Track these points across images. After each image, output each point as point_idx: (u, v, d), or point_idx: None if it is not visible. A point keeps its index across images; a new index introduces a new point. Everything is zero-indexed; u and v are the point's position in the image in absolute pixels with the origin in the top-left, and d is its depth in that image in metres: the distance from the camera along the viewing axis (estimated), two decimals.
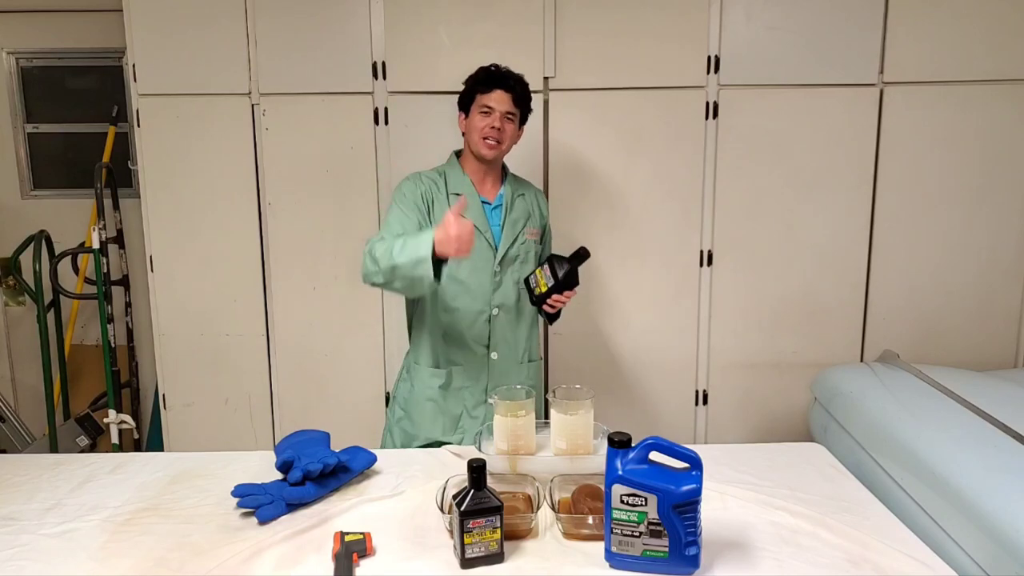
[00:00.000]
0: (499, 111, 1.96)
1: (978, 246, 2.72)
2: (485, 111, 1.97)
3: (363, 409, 2.82)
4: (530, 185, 2.19)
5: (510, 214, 2.05)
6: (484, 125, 1.96)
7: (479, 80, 2.00)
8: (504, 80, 1.98)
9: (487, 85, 1.98)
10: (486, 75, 2.00)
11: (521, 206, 2.08)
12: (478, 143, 1.98)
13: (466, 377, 2.07)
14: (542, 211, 2.17)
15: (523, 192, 2.11)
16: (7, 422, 3.02)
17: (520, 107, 2.02)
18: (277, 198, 2.72)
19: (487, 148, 1.97)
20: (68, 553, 1.38)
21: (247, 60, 2.64)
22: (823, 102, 2.64)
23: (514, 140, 2.05)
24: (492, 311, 2.04)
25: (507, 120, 1.98)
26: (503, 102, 1.97)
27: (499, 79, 1.98)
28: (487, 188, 2.07)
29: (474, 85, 2.01)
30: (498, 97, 1.97)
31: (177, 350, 2.81)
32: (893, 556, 1.35)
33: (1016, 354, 2.78)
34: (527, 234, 2.06)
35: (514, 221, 2.05)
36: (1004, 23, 2.59)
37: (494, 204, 2.06)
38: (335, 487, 1.59)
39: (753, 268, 2.74)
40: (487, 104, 1.97)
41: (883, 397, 2.14)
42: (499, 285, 2.04)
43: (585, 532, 1.39)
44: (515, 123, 2.02)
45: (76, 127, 3.19)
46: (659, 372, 2.80)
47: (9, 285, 3.23)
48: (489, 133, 1.96)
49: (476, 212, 2.01)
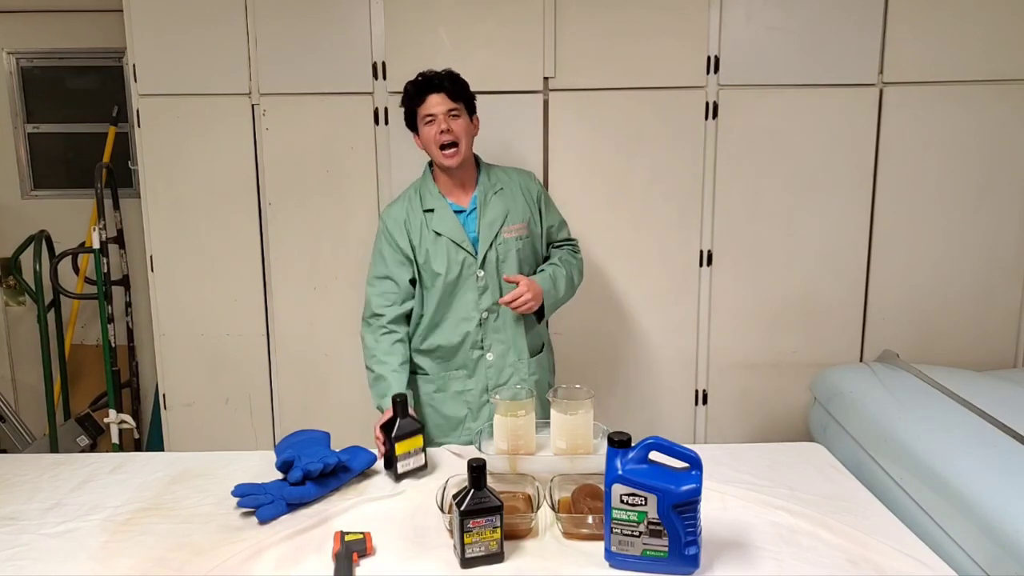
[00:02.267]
0: (440, 113, 1.95)
1: (978, 246, 2.72)
2: (429, 120, 1.96)
3: (363, 409, 2.82)
4: (512, 172, 2.13)
5: (484, 217, 2.02)
6: (434, 133, 1.95)
7: (410, 95, 2.00)
8: (431, 83, 1.97)
9: (419, 96, 1.98)
10: (414, 86, 2.00)
11: (498, 203, 2.04)
12: (437, 155, 1.98)
13: (465, 380, 2.07)
14: (526, 196, 2.09)
15: (501, 186, 2.06)
16: (7, 422, 3.02)
17: (459, 100, 1.98)
18: (277, 198, 2.72)
19: (447, 158, 1.97)
20: (68, 553, 1.38)
21: (247, 60, 2.64)
22: (823, 102, 2.64)
23: (471, 133, 2.02)
24: (481, 315, 2.04)
25: (452, 118, 1.96)
26: (440, 103, 1.95)
27: (426, 85, 1.97)
28: (462, 194, 2.06)
29: (409, 102, 2.01)
30: (433, 101, 1.96)
31: (177, 350, 2.81)
32: (893, 556, 1.35)
33: (1016, 354, 2.78)
34: (506, 232, 2.02)
35: (490, 223, 2.02)
36: (1004, 23, 2.59)
37: (468, 209, 2.05)
38: (335, 487, 1.60)
39: (753, 268, 2.74)
40: (427, 113, 1.96)
41: (883, 397, 2.14)
42: (484, 289, 2.03)
43: (585, 532, 1.39)
44: (462, 116, 1.98)
45: (76, 127, 3.19)
46: (659, 372, 2.80)
47: (9, 285, 3.23)
48: (441, 139, 1.95)
49: (451, 223, 2.01)
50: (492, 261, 2.02)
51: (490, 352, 2.06)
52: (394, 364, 1.99)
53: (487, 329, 2.05)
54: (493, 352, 2.06)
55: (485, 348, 2.05)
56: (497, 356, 2.06)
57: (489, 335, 2.05)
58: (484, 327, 2.04)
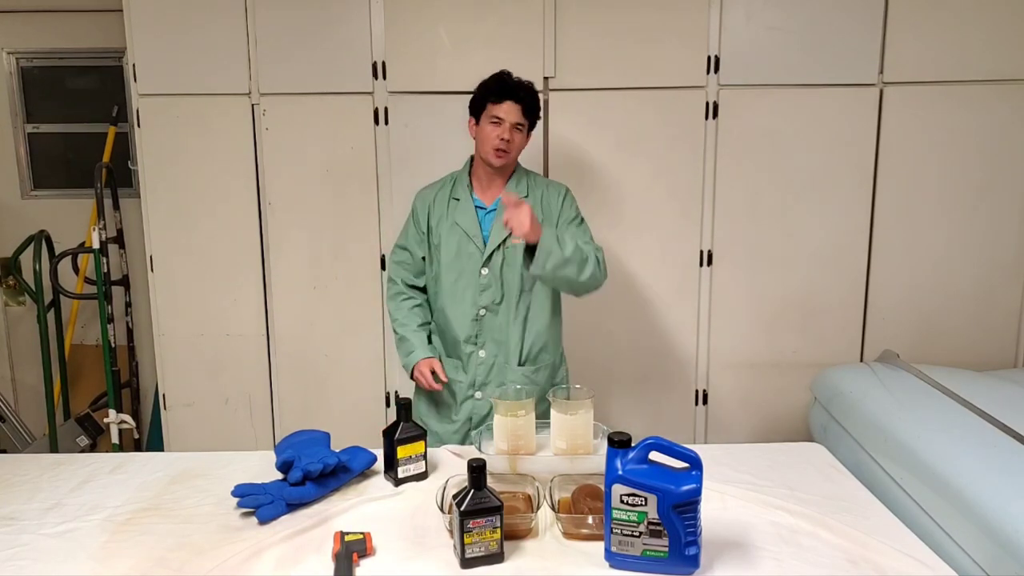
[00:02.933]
0: (509, 122, 1.99)
1: (978, 246, 2.72)
2: (495, 121, 1.99)
3: (363, 409, 2.82)
4: (543, 183, 2.14)
5: (499, 219, 2.03)
6: (494, 136, 1.99)
7: (491, 89, 2.02)
8: (515, 92, 2.00)
9: (498, 96, 2.00)
10: (498, 85, 2.02)
11: None
12: (488, 153, 2.02)
13: (458, 371, 2.12)
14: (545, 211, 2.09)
15: (526, 194, 2.08)
16: (7, 422, 3.02)
17: (529, 117, 2.04)
18: (277, 198, 2.72)
19: (496, 158, 2.01)
20: (68, 553, 1.38)
21: (247, 60, 2.64)
22: (823, 102, 2.64)
23: (522, 147, 2.07)
24: (479, 311, 2.06)
25: (516, 131, 2.01)
26: (513, 113, 1.99)
27: (510, 90, 2.00)
28: (491, 192, 2.09)
29: (486, 94, 2.02)
30: (508, 108, 1.99)
31: (177, 350, 2.81)
32: (893, 556, 1.35)
33: (1016, 354, 2.78)
34: (515, 239, 2.02)
35: (501, 227, 2.02)
36: (1004, 23, 2.59)
37: (489, 208, 2.08)
38: (335, 487, 1.60)
39: (753, 268, 2.74)
40: (497, 115, 1.99)
41: (883, 397, 2.14)
42: (486, 287, 2.05)
43: (585, 532, 1.39)
44: (524, 132, 2.05)
45: (76, 127, 3.19)
46: (659, 372, 2.80)
47: (9, 285, 3.23)
48: (498, 144, 1.99)
49: (469, 216, 2.07)
50: (497, 262, 2.04)
51: (483, 350, 2.09)
52: (413, 326, 2.12)
53: (483, 326, 2.07)
54: (486, 350, 2.09)
55: (479, 344, 2.09)
56: (489, 355, 2.09)
57: (484, 332, 2.08)
58: (480, 323, 2.07)
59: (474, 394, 2.10)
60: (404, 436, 1.62)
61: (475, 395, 2.10)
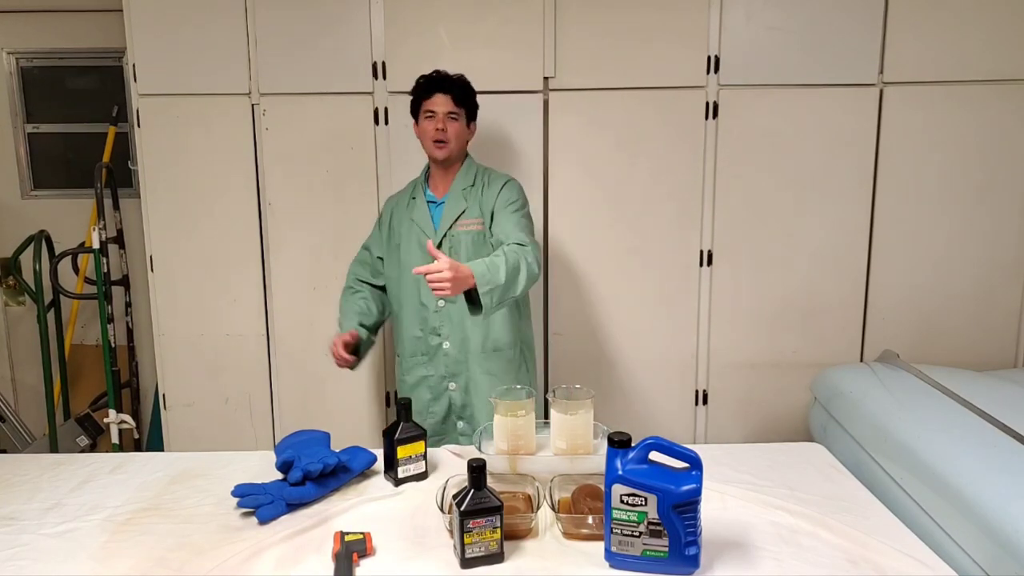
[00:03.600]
0: (441, 113, 2.09)
1: (978, 246, 2.72)
2: (429, 115, 2.11)
3: (363, 409, 2.82)
4: (493, 176, 2.18)
5: (446, 209, 2.15)
6: (430, 128, 2.11)
7: (420, 88, 2.15)
8: (441, 83, 2.12)
9: (427, 91, 2.12)
10: (426, 81, 2.14)
11: (461, 199, 2.14)
12: (429, 146, 2.14)
13: (426, 365, 2.18)
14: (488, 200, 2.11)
15: (473, 184, 2.17)
16: (7, 422, 3.02)
17: (462, 105, 2.13)
18: (277, 198, 2.72)
19: (437, 150, 2.12)
20: (68, 553, 1.38)
21: (247, 60, 2.64)
22: (823, 102, 2.64)
23: (463, 136, 2.16)
24: (438, 303, 2.13)
25: (451, 120, 2.10)
26: (444, 104, 2.10)
27: (437, 83, 2.12)
28: (442, 186, 2.20)
29: (416, 92, 2.16)
30: (438, 100, 2.10)
31: (177, 350, 2.81)
32: (893, 556, 1.35)
33: (1016, 354, 2.78)
34: (459, 226, 2.13)
35: (448, 215, 2.14)
36: (1004, 23, 2.59)
37: (440, 200, 2.18)
38: (335, 487, 1.60)
39: (753, 268, 2.74)
40: (430, 108, 2.11)
41: (883, 397, 2.14)
42: None
43: (585, 532, 1.39)
44: (460, 121, 2.13)
45: (76, 127, 3.19)
46: (659, 372, 2.80)
47: (9, 285, 3.23)
48: (435, 135, 2.10)
49: (421, 211, 2.18)
50: (446, 249, 2.11)
51: (447, 341, 2.15)
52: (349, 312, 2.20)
53: (442, 317, 2.14)
54: (450, 341, 2.15)
55: (443, 336, 2.15)
56: (453, 346, 2.15)
57: (445, 324, 2.14)
58: (440, 315, 2.14)
59: (448, 385, 2.17)
60: (404, 436, 1.62)
61: (449, 386, 2.17)
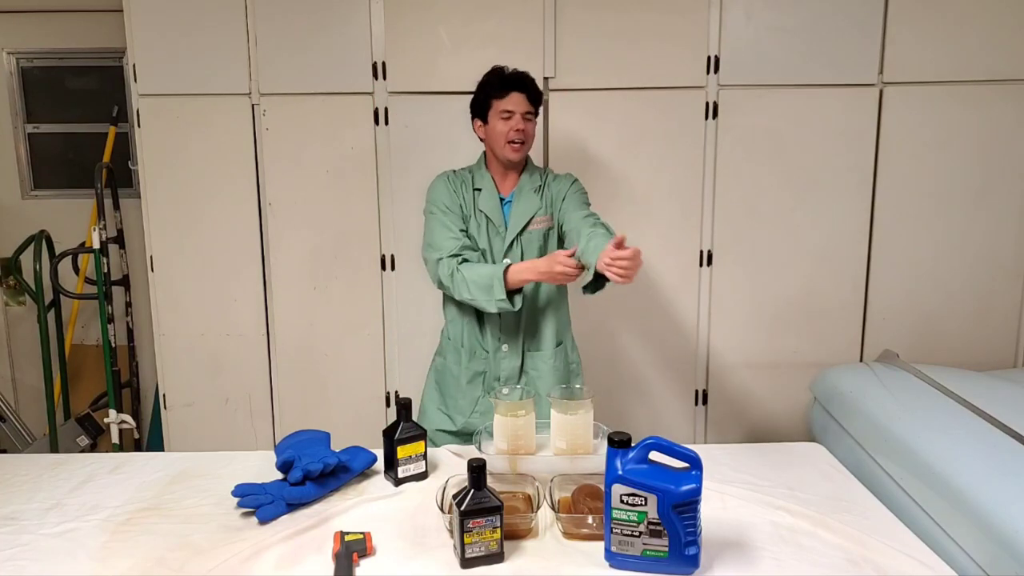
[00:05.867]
0: (519, 113, 1.99)
1: (978, 246, 2.72)
2: (506, 115, 1.99)
3: (363, 409, 2.82)
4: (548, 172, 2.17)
5: (517, 207, 2.07)
6: (508, 129, 1.99)
7: (492, 85, 2.01)
8: (518, 82, 2.01)
9: (502, 89, 1.99)
10: (499, 79, 2.01)
11: (532, 199, 2.07)
12: (504, 148, 2.01)
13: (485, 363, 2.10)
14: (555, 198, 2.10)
15: (540, 184, 2.10)
16: (7, 422, 3.02)
17: (535, 105, 2.04)
18: (277, 198, 2.72)
19: (513, 152, 2.01)
20: (68, 553, 1.38)
21: (247, 60, 2.64)
22: (823, 102, 2.64)
23: (534, 137, 2.08)
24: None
25: (527, 120, 2.01)
26: (521, 103, 1.99)
27: (513, 82, 2.00)
28: (506, 185, 2.10)
29: (488, 90, 2.02)
30: (515, 100, 1.99)
31: (177, 350, 2.81)
32: (893, 556, 1.35)
33: (1016, 354, 2.78)
34: (535, 224, 2.06)
35: (521, 213, 2.06)
36: (1004, 23, 2.59)
37: (508, 199, 2.10)
38: (335, 487, 1.60)
39: (753, 268, 2.74)
40: (506, 108, 1.99)
41: (883, 397, 2.14)
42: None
43: (585, 532, 1.39)
44: (533, 121, 2.05)
45: (76, 127, 3.19)
46: (659, 372, 2.80)
47: (9, 285, 3.23)
48: (515, 136, 1.99)
49: (494, 204, 2.06)
50: (517, 250, 2.05)
51: (505, 345, 2.09)
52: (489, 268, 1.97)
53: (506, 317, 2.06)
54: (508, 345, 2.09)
55: (502, 340, 2.09)
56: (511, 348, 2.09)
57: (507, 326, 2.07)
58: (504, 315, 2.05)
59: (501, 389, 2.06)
60: (404, 436, 1.62)
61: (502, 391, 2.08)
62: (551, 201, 2.09)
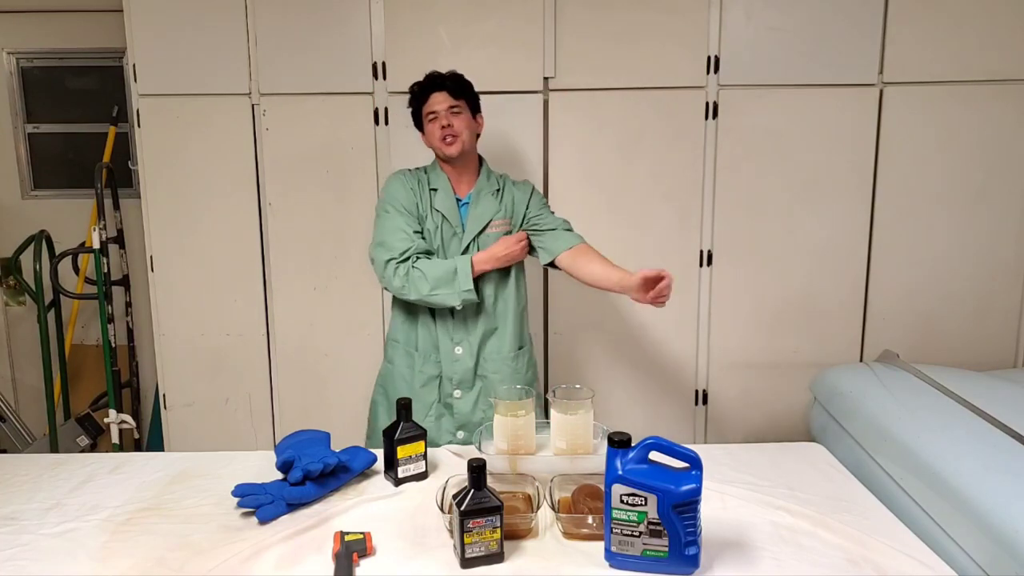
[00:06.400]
0: (442, 110, 2.03)
1: (978, 246, 2.72)
2: (432, 117, 2.05)
3: (364, 409, 2.82)
4: (505, 179, 2.18)
5: (475, 209, 2.09)
6: (435, 128, 2.04)
7: (415, 95, 2.09)
8: (433, 82, 2.06)
9: (422, 94, 2.07)
10: (419, 87, 2.09)
11: (490, 201, 2.10)
12: (439, 146, 2.06)
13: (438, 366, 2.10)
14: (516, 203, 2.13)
15: (498, 187, 2.13)
16: (7, 422, 3.02)
17: (462, 97, 2.06)
18: (277, 198, 2.72)
19: (447, 146, 2.04)
20: (68, 553, 1.38)
21: (247, 60, 2.64)
22: (823, 102, 2.64)
23: (474, 129, 2.09)
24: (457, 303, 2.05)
25: (453, 114, 2.04)
26: (443, 100, 2.04)
27: (429, 84, 2.07)
28: (462, 186, 2.13)
29: (415, 102, 2.10)
30: (436, 99, 2.05)
31: (177, 350, 2.81)
32: (893, 556, 1.35)
33: (1016, 354, 2.78)
34: (493, 227, 2.09)
35: (479, 216, 2.08)
36: (1004, 23, 2.59)
37: (464, 200, 2.12)
38: (335, 487, 1.60)
39: (753, 268, 2.74)
40: (430, 110, 2.05)
41: (883, 397, 2.14)
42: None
43: (585, 532, 1.39)
44: (464, 113, 2.06)
45: (76, 127, 3.19)
46: (659, 372, 2.80)
47: (9, 285, 3.23)
48: (443, 132, 2.03)
49: (450, 204, 2.08)
50: (474, 252, 2.06)
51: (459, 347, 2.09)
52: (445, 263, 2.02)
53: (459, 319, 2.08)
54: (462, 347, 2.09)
55: (455, 341, 2.09)
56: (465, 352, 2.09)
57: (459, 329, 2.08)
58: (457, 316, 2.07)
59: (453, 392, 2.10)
60: (404, 436, 1.62)
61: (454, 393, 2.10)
62: (510, 205, 2.12)
